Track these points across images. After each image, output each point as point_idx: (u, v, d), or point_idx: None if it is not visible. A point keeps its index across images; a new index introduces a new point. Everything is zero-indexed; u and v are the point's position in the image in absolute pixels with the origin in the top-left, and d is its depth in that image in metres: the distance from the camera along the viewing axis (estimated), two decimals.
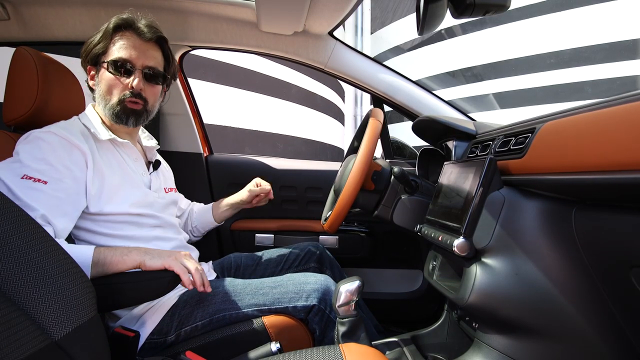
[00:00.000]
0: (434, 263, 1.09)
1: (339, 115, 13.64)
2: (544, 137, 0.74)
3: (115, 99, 1.00)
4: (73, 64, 1.20)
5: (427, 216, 1.08)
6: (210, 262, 1.31)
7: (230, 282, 1.07)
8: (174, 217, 1.21)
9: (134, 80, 1.00)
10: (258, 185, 1.38)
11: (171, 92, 1.59)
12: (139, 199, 1.03)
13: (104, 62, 1.00)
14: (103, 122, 1.04)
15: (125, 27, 1.01)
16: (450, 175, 1.04)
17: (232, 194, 1.65)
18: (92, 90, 1.06)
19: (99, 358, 0.64)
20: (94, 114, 1.05)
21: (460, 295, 0.85)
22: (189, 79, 1.70)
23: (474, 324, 0.95)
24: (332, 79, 1.66)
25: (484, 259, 0.84)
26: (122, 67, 0.99)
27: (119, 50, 1.00)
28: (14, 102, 1.02)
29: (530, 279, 0.79)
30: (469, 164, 0.94)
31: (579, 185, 0.65)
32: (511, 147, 0.84)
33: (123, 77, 1.00)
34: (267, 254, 1.35)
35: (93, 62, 1.02)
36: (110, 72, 0.99)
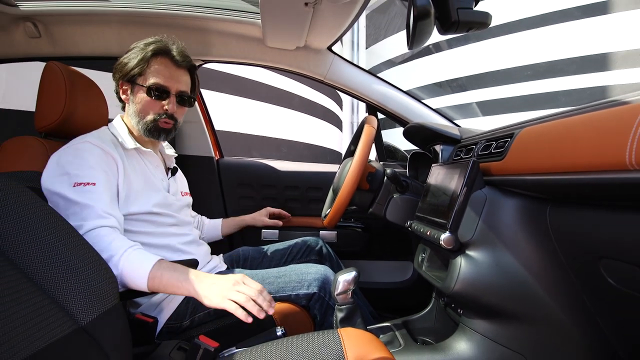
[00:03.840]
0: (423, 255, 1.10)
1: (337, 122, 13.63)
2: (521, 142, 0.74)
3: (150, 117, 1.01)
4: (98, 77, 1.20)
5: (416, 213, 1.08)
6: (221, 255, 1.31)
7: (240, 273, 1.07)
8: (189, 216, 1.21)
9: (169, 104, 1.01)
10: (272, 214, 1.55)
11: None
12: (160, 201, 1.03)
13: (142, 85, 1.00)
14: (130, 132, 1.05)
15: (162, 53, 1.02)
16: (437, 176, 1.04)
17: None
18: (120, 100, 1.07)
19: (121, 341, 0.64)
20: (122, 125, 1.05)
21: (446, 284, 0.85)
22: (202, 90, 1.70)
23: (459, 310, 0.95)
24: (331, 89, 1.66)
25: (467, 252, 0.84)
26: (159, 92, 1.00)
27: (155, 75, 1.00)
28: (44, 111, 1.02)
29: (509, 270, 0.80)
30: (454, 165, 0.94)
31: (553, 184, 0.65)
32: (492, 151, 0.84)
33: (159, 101, 1.01)
34: (272, 248, 1.35)
35: (127, 79, 1.02)
36: (148, 95, 1.00)
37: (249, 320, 0.68)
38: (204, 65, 1.62)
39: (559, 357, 0.80)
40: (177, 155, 1.24)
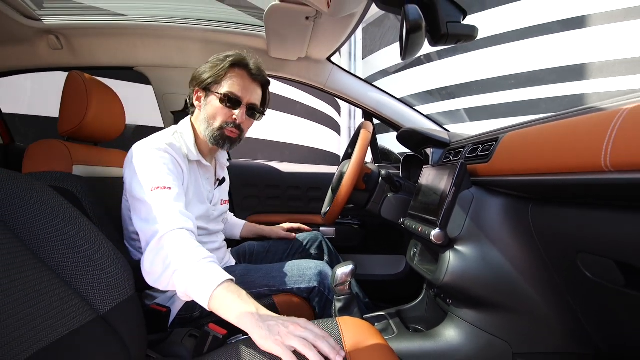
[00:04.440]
0: (415, 250, 1.10)
1: (335, 127, 13.63)
2: (505, 145, 0.75)
3: (217, 124, 0.96)
4: (114, 84, 1.20)
5: (409, 211, 1.08)
6: (230, 249, 1.31)
7: (246, 267, 1.07)
8: (220, 224, 1.17)
9: (239, 115, 0.96)
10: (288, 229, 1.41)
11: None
12: (202, 213, 1.01)
13: (216, 92, 0.96)
14: (195, 140, 1.00)
15: (239, 65, 0.97)
16: (428, 177, 1.04)
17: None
18: (192, 106, 1.03)
19: (136, 329, 0.64)
20: (190, 132, 1.00)
21: (436, 277, 0.86)
22: None
23: (448, 301, 0.95)
24: (330, 96, 1.66)
25: (456, 247, 0.84)
26: (231, 101, 0.96)
27: (230, 84, 0.96)
28: (67, 116, 1.02)
29: (494, 263, 0.80)
30: (444, 167, 0.94)
31: (535, 185, 0.65)
32: (479, 154, 0.84)
33: (229, 109, 0.96)
34: (275, 243, 1.35)
35: (203, 86, 0.98)
36: (220, 102, 0.95)
37: None
38: None
39: (540, 343, 0.80)
40: (229, 164, 1.19)
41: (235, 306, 0.64)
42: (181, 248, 0.73)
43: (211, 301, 0.65)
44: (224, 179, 1.17)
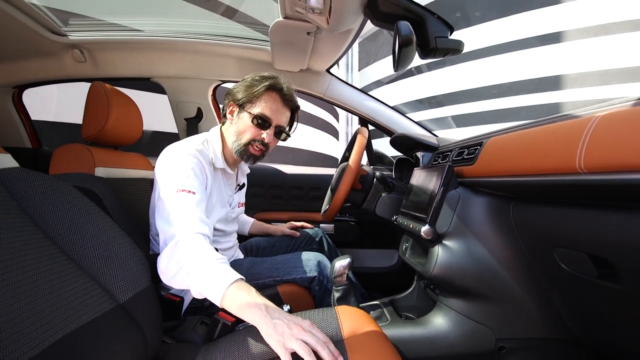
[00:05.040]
0: (407, 244, 1.10)
1: (334, 133, 13.65)
2: (489, 149, 0.75)
3: (245, 140, 0.95)
4: (133, 94, 1.20)
5: (401, 209, 1.08)
6: (238, 243, 1.31)
7: (252, 260, 1.06)
8: (235, 225, 1.16)
9: (267, 135, 0.95)
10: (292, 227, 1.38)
11: (206, 116, 1.60)
12: (222, 216, 1.00)
13: (249, 111, 0.94)
14: (222, 149, 0.99)
15: (274, 89, 0.95)
16: (418, 178, 1.04)
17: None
18: (224, 116, 1.01)
19: (152, 317, 0.64)
20: (218, 141, 0.98)
21: (426, 269, 0.86)
22: (221, 106, 1.69)
23: (436, 291, 0.95)
24: (329, 105, 1.66)
25: (444, 241, 0.84)
26: (262, 121, 0.94)
27: (263, 106, 0.94)
28: (90, 123, 1.02)
29: (479, 257, 0.80)
30: (433, 169, 0.94)
31: (516, 185, 0.65)
32: (464, 157, 0.84)
33: (259, 129, 0.95)
34: (280, 239, 1.34)
35: (238, 103, 0.96)
36: (251, 121, 0.93)
37: None
38: (222, 85, 1.62)
39: (519, 329, 0.80)
40: (249, 171, 1.18)
41: (245, 303, 0.62)
42: (195, 251, 0.71)
43: (223, 299, 0.64)
44: (243, 184, 1.17)
